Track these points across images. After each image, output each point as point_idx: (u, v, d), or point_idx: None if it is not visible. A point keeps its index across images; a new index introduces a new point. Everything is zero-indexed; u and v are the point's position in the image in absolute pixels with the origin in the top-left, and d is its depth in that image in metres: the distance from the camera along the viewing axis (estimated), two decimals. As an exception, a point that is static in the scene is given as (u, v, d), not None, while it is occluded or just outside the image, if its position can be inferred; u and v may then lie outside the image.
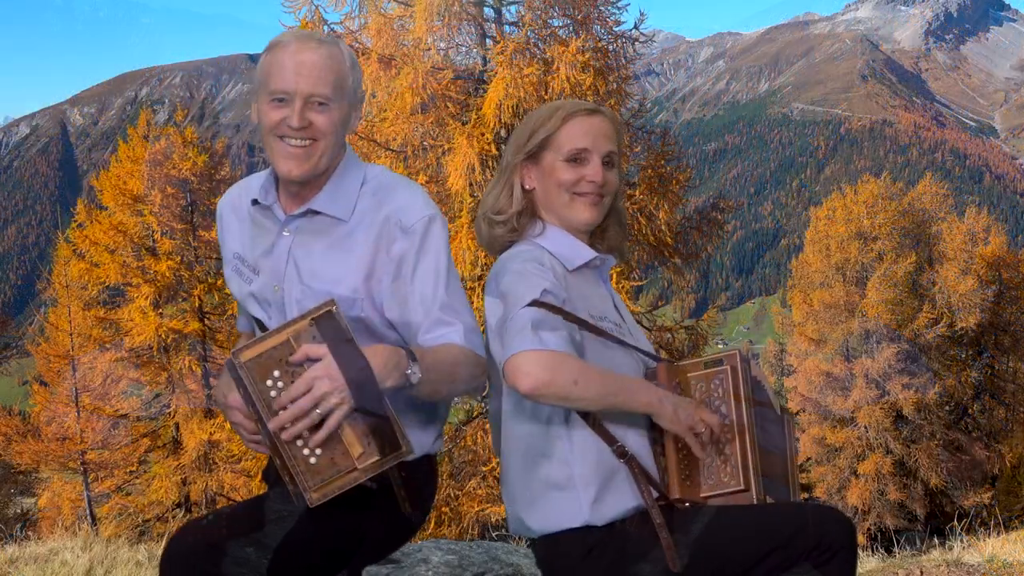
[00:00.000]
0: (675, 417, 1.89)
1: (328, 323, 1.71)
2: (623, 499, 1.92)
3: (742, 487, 1.96)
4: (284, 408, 1.68)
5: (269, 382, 1.69)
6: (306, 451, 1.70)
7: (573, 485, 1.90)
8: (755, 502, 1.96)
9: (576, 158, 2.01)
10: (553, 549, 1.94)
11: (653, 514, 1.88)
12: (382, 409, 1.71)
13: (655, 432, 1.97)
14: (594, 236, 2.13)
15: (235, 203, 2.16)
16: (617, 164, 2.06)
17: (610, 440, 1.91)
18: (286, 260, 2.00)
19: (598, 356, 1.92)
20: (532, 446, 1.94)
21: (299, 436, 1.70)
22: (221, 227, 2.19)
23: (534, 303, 1.81)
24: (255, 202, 2.07)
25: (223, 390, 1.99)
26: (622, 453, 1.91)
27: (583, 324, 1.90)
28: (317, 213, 1.99)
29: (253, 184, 2.12)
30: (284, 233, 2.01)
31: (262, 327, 2.04)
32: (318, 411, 1.67)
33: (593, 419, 1.91)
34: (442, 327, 1.90)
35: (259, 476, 11.86)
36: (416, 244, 1.92)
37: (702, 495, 1.97)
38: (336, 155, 2.01)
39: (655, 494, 1.94)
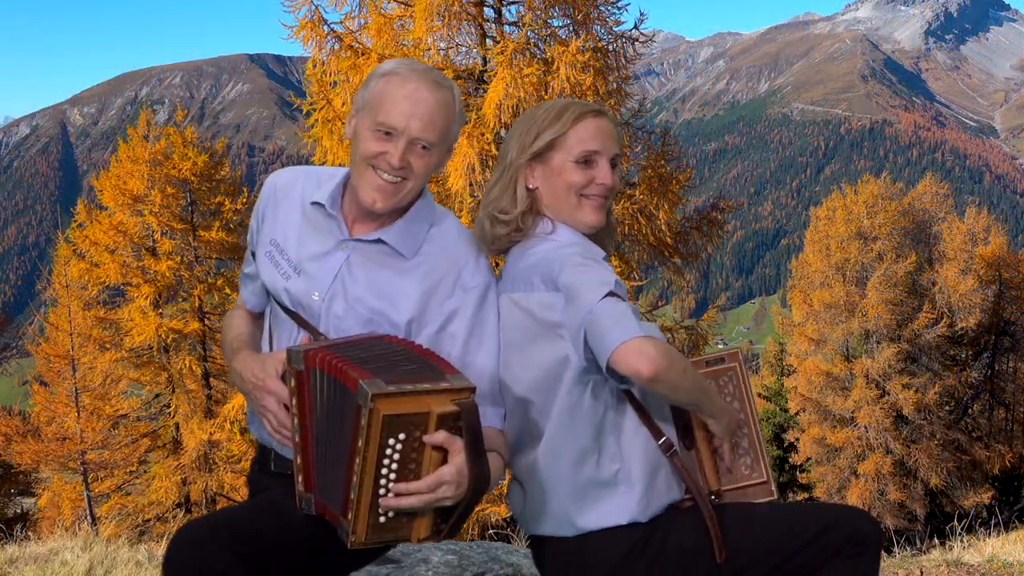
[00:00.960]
0: (727, 426, 1.98)
1: (471, 415, 1.70)
2: (664, 494, 1.94)
3: (763, 479, 2.05)
4: (393, 472, 1.68)
5: (391, 440, 1.67)
6: (380, 509, 1.70)
7: (620, 482, 1.91)
8: (773, 493, 2.03)
9: (586, 160, 2.00)
10: (589, 547, 1.92)
11: (702, 505, 1.91)
12: (471, 514, 1.75)
13: (682, 427, 2.01)
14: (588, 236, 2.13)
15: (289, 189, 2.11)
16: (619, 165, 2.07)
17: (658, 433, 1.93)
18: (335, 275, 1.99)
19: None
20: (583, 443, 1.92)
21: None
22: (264, 205, 2.13)
23: (611, 294, 1.81)
24: (317, 204, 2.04)
25: (255, 370, 1.95)
26: (668, 446, 1.93)
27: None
28: (383, 243, 2.00)
29: (312, 180, 2.09)
30: (341, 248, 2.01)
31: (300, 322, 2.02)
32: (430, 505, 1.69)
33: (643, 411, 1.93)
34: (490, 406, 1.95)
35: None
36: (472, 308, 1.95)
37: (726, 488, 2.04)
38: (420, 193, 2.03)
39: (681, 496, 1.98)
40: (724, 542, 1.89)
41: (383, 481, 1.68)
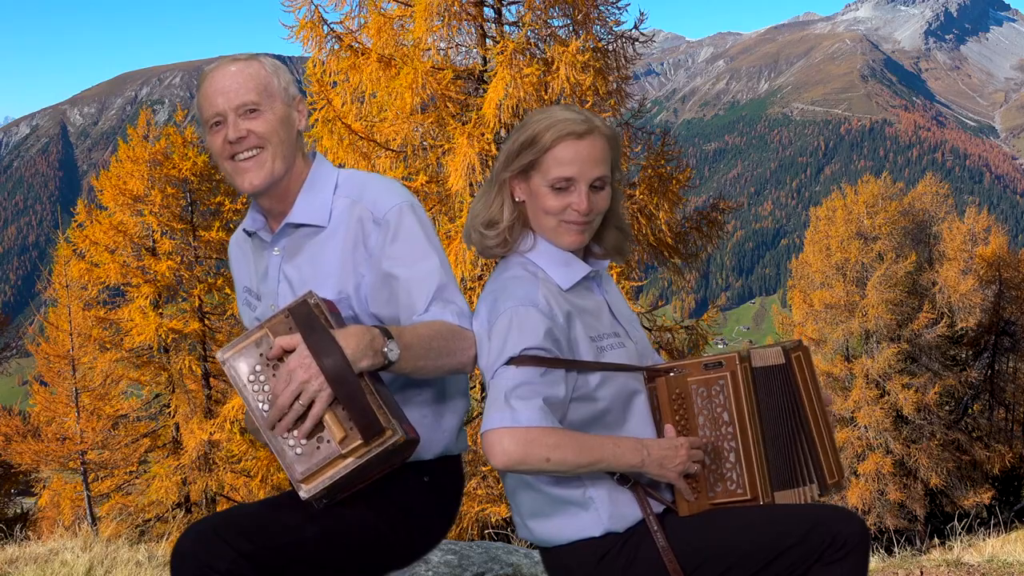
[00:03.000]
0: (662, 472, 1.91)
1: (302, 312, 1.73)
2: (638, 508, 1.95)
3: (748, 497, 1.97)
4: (269, 403, 1.73)
5: (250, 376, 1.74)
6: (291, 442, 1.72)
7: (590, 499, 1.92)
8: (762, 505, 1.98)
9: (561, 186, 1.94)
10: (570, 556, 1.95)
11: (657, 539, 1.90)
12: (360, 392, 1.71)
13: None
14: (594, 238, 2.10)
15: (239, 240, 2.23)
16: (610, 182, 2.01)
17: (610, 471, 1.92)
18: (278, 279, 2.05)
19: (603, 381, 1.92)
20: None
21: (287, 429, 1.73)
22: (232, 265, 2.26)
23: (512, 361, 1.81)
24: (248, 233, 2.14)
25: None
26: (625, 480, 1.93)
27: (576, 364, 1.89)
28: (298, 226, 2.03)
29: (250, 220, 2.19)
30: (274, 253, 2.07)
31: None
32: (300, 402, 1.70)
33: None
34: (435, 309, 1.92)
35: (259, 476, 11.87)
36: (391, 233, 1.95)
37: (710, 503, 1.98)
38: (292, 158, 2.04)
39: (660, 508, 1.96)
40: (697, 548, 1.89)
41: (264, 413, 1.73)
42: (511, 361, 1.81)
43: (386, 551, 1.96)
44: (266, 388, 1.73)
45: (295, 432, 1.72)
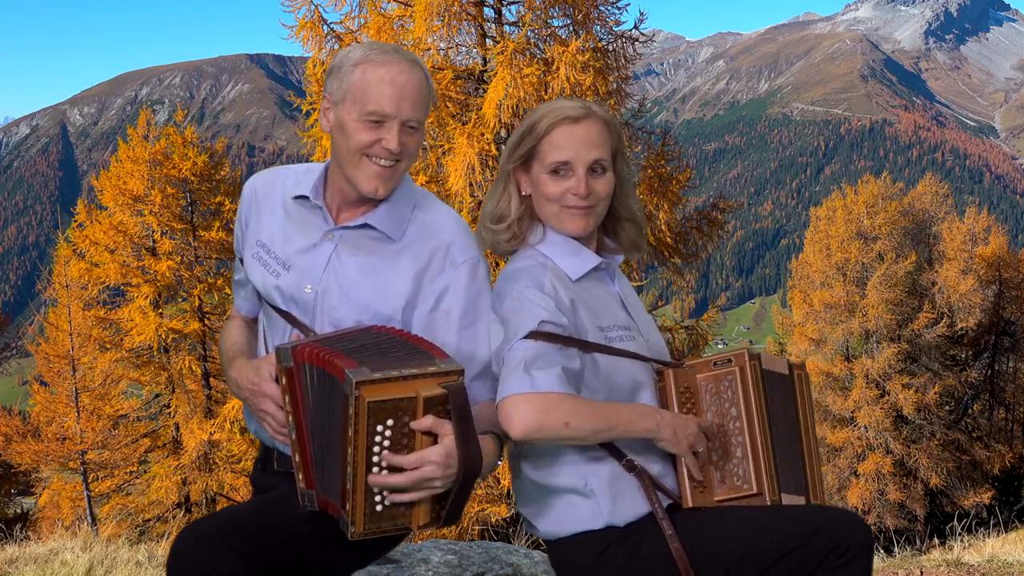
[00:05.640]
0: (675, 439, 1.91)
1: (458, 398, 1.69)
2: (641, 503, 1.94)
3: (754, 491, 1.96)
4: (379, 456, 1.67)
5: (379, 427, 1.67)
6: (377, 498, 1.70)
7: (591, 491, 1.92)
8: (768, 503, 1.96)
9: (558, 170, 1.96)
10: (572, 549, 1.95)
11: (664, 526, 1.89)
12: (468, 497, 1.74)
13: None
14: (608, 233, 2.10)
15: (268, 190, 2.11)
16: (612, 167, 2.01)
17: (618, 455, 1.92)
18: (325, 265, 1.99)
19: (609, 368, 1.92)
20: (547, 454, 1.95)
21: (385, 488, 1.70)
22: (247, 209, 2.13)
23: (530, 335, 1.81)
24: (300, 197, 2.04)
25: (249, 375, 1.96)
26: (631, 467, 1.92)
27: (586, 345, 1.89)
28: (371, 227, 1.99)
29: (290, 178, 2.09)
30: (328, 239, 2.00)
31: (291, 320, 2.02)
32: (420, 486, 1.68)
33: None
34: (489, 379, 1.93)
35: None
36: (464, 283, 1.94)
37: (716, 499, 1.97)
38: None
39: (667, 502, 1.96)
40: (699, 548, 1.88)
41: (375, 469, 1.67)
42: (529, 335, 1.82)
43: (369, 547, 1.97)
44: (386, 444, 1.67)
45: (387, 495, 1.70)
